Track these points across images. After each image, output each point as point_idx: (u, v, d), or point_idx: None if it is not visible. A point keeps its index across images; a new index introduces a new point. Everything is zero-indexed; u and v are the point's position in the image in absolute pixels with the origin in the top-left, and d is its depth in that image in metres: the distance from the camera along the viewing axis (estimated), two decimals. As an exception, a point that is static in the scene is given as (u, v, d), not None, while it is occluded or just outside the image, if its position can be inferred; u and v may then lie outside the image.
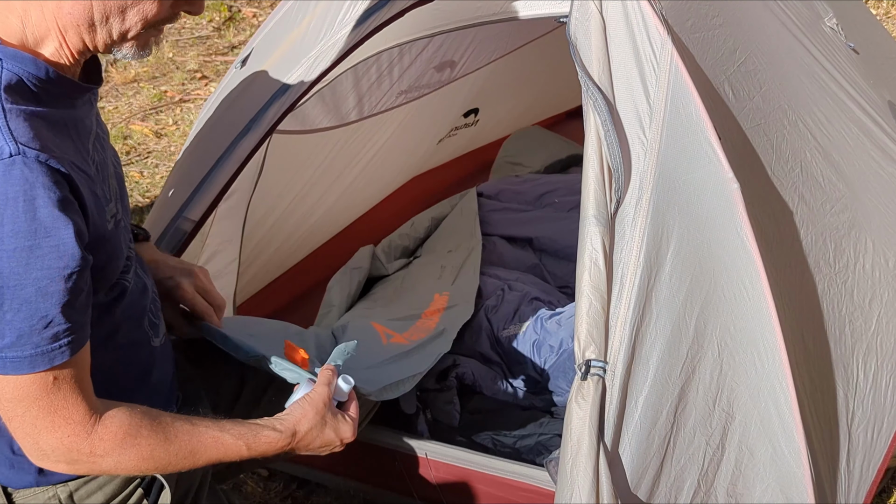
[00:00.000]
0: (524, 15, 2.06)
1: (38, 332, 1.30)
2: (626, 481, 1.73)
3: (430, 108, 3.48)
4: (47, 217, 1.28)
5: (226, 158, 2.22)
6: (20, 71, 1.34)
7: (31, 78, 1.35)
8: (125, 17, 1.38)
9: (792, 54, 2.31)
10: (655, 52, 1.81)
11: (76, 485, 1.54)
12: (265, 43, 2.51)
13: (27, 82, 1.35)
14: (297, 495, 2.58)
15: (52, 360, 1.32)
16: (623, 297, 1.70)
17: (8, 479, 1.51)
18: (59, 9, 1.36)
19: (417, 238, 3.30)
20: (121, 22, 1.38)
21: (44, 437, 1.37)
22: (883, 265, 2.15)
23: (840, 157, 2.20)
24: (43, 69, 1.36)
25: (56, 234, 1.29)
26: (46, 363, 1.32)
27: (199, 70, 5.18)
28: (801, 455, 1.77)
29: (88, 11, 1.36)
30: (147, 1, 1.37)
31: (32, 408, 1.35)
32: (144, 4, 1.38)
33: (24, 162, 1.27)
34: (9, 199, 1.26)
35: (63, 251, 1.29)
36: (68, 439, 1.37)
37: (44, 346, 1.31)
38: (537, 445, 2.35)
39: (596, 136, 1.74)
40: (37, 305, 1.29)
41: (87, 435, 1.39)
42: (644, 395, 1.72)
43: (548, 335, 2.59)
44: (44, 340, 1.31)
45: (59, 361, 1.33)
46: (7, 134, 1.27)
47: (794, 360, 1.80)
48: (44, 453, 1.39)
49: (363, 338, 2.22)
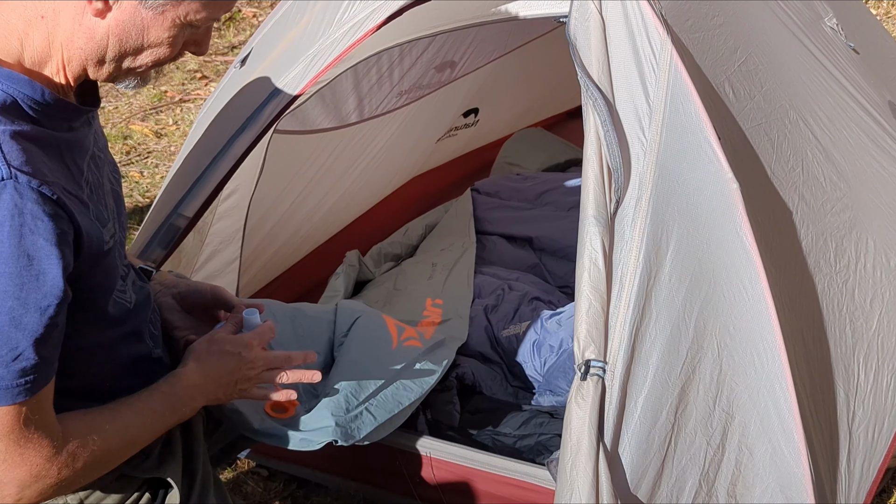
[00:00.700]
0: (524, 15, 2.06)
1: (6, 364, 1.26)
2: (625, 482, 1.72)
3: (430, 108, 3.48)
4: (32, 246, 1.25)
5: (222, 156, 2.22)
6: (15, 92, 1.32)
7: (27, 100, 1.33)
8: (137, 58, 1.40)
9: (792, 54, 2.31)
10: (655, 52, 1.81)
11: (86, 493, 1.52)
12: (264, 42, 2.51)
13: (22, 104, 1.33)
14: (297, 495, 2.57)
15: (16, 396, 1.27)
16: (623, 298, 1.70)
17: None
18: (70, 42, 1.35)
19: (410, 246, 3.28)
20: (132, 61, 1.40)
21: (10, 473, 1.32)
22: (884, 265, 2.15)
23: (841, 157, 2.20)
24: (39, 91, 1.34)
25: (38, 264, 1.26)
26: (9, 399, 1.27)
27: (198, 70, 5.18)
28: (800, 455, 1.77)
29: (102, 50, 1.37)
30: (163, 47, 1.39)
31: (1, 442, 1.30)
32: (160, 49, 1.39)
33: (16, 187, 1.24)
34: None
35: (44, 283, 1.26)
36: (37, 468, 1.33)
37: (9, 381, 1.26)
38: (537, 445, 2.34)
39: (595, 136, 1.73)
40: (8, 335, 1.25)
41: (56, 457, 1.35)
42: (644, 395, 1.72)
43: (548, 335, 2.59)
44: (10, 374, 1.26)
45: (21, 399, 1.28)
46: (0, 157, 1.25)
47: (794, 361, 1.80)
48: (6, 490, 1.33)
49: (376, 333, 2.22)
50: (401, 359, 2.17)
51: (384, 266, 3.13)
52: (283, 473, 2.62)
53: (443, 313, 2.70)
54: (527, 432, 2.38)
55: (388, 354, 2.19)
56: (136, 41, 1.37)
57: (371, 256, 3.14)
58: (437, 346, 2.32)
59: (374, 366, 2.08)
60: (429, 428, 2.38)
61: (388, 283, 2.97)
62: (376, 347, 2.18)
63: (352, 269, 2.97)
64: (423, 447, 2.26)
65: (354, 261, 3.01)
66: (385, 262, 3.16)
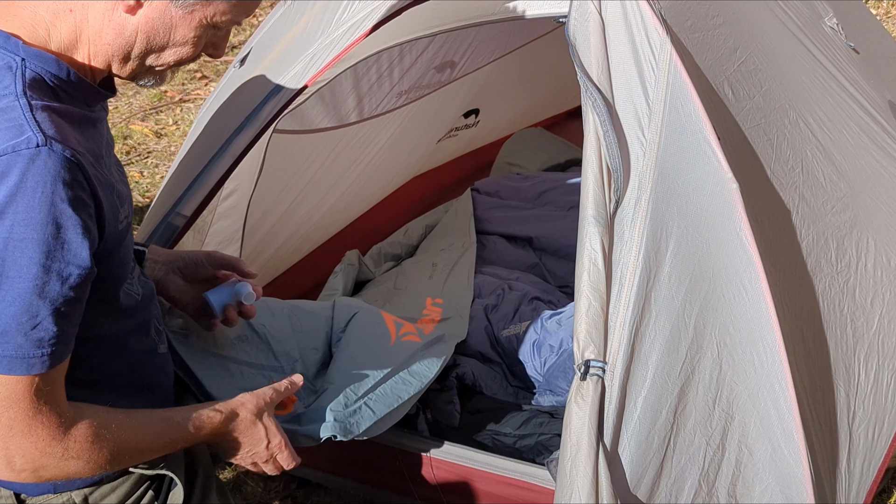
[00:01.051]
0: (523, 15, 2.06)
1: (24, 332, 1.27)
2: (625, 481, 1.72)
3: (430, 109, 3.48)
4: (63, 215, 1.27)
5: (220, 155, 2.22)
6: (42, 70, 1.35)
7: (52, 78, 1.36)
8: (160, 56, 1.42)
9: (792, 54, 2.31)
10: (654, 52, 1.81)
11: (90, 489, 1.52)
12: (263, 42, 2.51)
13: (48, 81, 1.36)
14: (297, 495, 2.57)
15: (31, 367, 1.29)
16: (622, 298, 1.70)
17: (24, 488, 1.49)
18: (98, 37, 1.38)
19: (409, 246, 3.28)
20: (155, 59, 1.43)
21: (17, 442, 1.32)
22: (885, 264, 2.15)
23: (841, 157, 2.20)
24: (64, 70, 1.37)
25: (65, 233, 1.27)
26: (24, 369, 1.28)
27: (198, 70, 5.18)
28: (800, 455, 1.77)
29: (129, 46, 1.40)
30: (187, 46, 1.42)
31: (11, 410, 1.31)
32: (184, 49, 1.42)
33: (50, 154, 1.26)
34: (27, 189, 1.24)
35: (69, 252, 1.28)
36: (43, 443, 1.34)
37: (26, 350, 1.28)
38: (537, 445, 2.34)
39: (595, 136, 1.73)
40: (30, 303, 1.26)
41: (63, 437, 1.36)
42: (643, 395, 1.72)
43: (548, 335, 2.59)
44: (28, 343, 1.27)
45: (37, 371, 1.29)
46: (34, 126, 1.27)
47: (794, 360, 1.80)
48: (9, 461, 1.34)
49: (373, 329, 2.22)
50: (399, 354, 2.17)
51: (384, 266, 3.13)
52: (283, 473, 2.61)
53: (443, 312, 2.69)
54: (527, 432, 2.38)
55: (387, 350, 2.19)
56: (163, 39, 1.40)
57: (371, 256, 3.14)
58: (436, 340, 2.32)
59: (372, 361, 2.08)
60: (429, 428, 2.38)
61: (389, 282, 2.96)
62: (374, 343, 2.19)
63: (351, 268, 2.96)
64: (423, 447, 2.26)
65: (354, 260, 3.01)
66: (385, 261, 3.16)
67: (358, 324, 2.20)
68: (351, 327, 2.18)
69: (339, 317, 2.21)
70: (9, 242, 1.24)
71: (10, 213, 1.24)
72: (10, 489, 1.49)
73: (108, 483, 1.54)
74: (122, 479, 1.55)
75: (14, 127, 1.26)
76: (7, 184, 1.24)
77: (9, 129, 1.26)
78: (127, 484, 1.57)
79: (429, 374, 2.14)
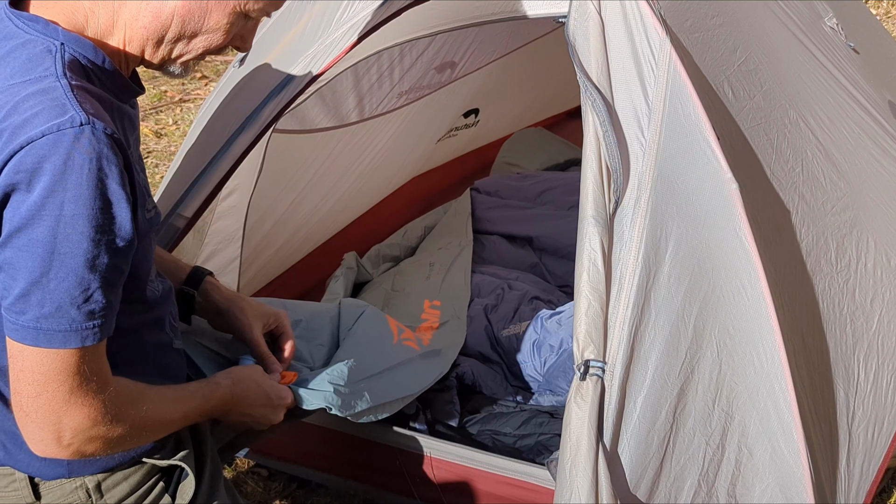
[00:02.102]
0: (523, 15, 2.06)
1: (78, 305, 1.31)
2: (625, 481, 1.72)
3: (430, 109, 3.48)
4: (109, 190, 1.30)
5: (221, 156, 2.22)
6: (79, 55, 1.39)
7: (89, 63, 1.40)
8: (191, 42, 1.46)
9: (792, 54, 2.31)
10: (654, 52, 1.81)
11: (104, 474, 1.55)
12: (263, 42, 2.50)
13: (85, 65, 1.40)
14: (297, 495, 2.57)
15: (84, 339, 1.33)
16: (622, 298, 1.70)
17: (39, 471, 1.52)
18: (135, 20, 1.43)
19: (408, 248, 3.28)
20: (185, 45, 1.46)
21: (70, 415, 1.36)
22: (885, 264, 2.15)
23: (841, 156, 2.20)
24: (101, 57, 1.42)
25: (115, 208, 1.31)
26: (78, 341, 1.33)
27: (198, 70, 5.18)
28: (800, 455, 1.77)
29: (164, 30, 1.44)
30: (218, 34, 1.46)
31: (65, 383, 1.35)
32: (215, 36, 1.46)
33: (94, 132, 1.29)
34: (74, 166, 1.27)
35: (119, 226, 1.32)
36: (95, 412, 1.38)
37: (79, 322, 1.32)
38: (537, 445, 2.34)
39: (594, 136, 1.73)
40: (82, 276, 1.30)
41: (111, 405, 1.40)
42: (643, 395, 1.72)
43: (548, 335, 2.59)
44: (81, 316, 1.32)
45: (90, 343, 1.34)
46: (76, 105, 1.30)
47: (794, 360, 1.80)
48: (59, 436, 1.37)
49: (377, 328, 2.24)
50: (398, 355, 2.20)
51: (382, 267, 3.13)
52: (283, 473, 2.62)
53: (441, 315, 2.70)
54: (527, 432, 2.38)
55: (389, 347, 2.23)
56: (197, 24, 1.44)
57: (369, 258, 3.14)
58: (432, 354, 2.35)
59: (376, 352, 2.12)
60: (429, 428, 2.38)
61: (386, 283, 2.96)
62: (379, 338, 2.22)
63: (350, 272, 2.97)
64: (423, 447, 2.26)
65: (352, 263, 3.01)
66: (383, 263, 3.16)
67: (365, 319, 2.24)
68: (358, 324, 2.21)
69: (347, 316, 2.23)
70: (60, 220, 1.28)
71: (60, 191, 1.27)
72: (25, 472, 1.52)
73: (120, 471, 1.57)
74: (134, 468, 1.58)
75: (57, 106, 1.30)
76: (54, 162, 1.27)
77: (52, 109, 1.30)
78: (139, 474, 1.59)
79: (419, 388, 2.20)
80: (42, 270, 1.29)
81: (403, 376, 2.15)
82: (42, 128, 1.28)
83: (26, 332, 1.32)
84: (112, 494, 1.57)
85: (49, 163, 1.27)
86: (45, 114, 1.29)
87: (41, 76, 1.33)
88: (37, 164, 1.27)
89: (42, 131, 1.27)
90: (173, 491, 1.64)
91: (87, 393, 1.37)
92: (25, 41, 1.38)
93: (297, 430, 2.36)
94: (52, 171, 1.27)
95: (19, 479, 1.52)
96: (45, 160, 1.27)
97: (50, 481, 1.53)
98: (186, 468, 1.64)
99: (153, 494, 1.62)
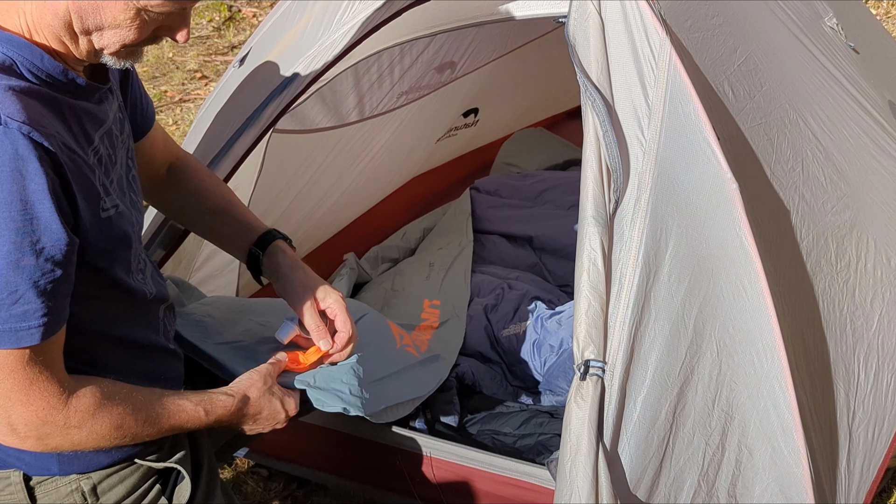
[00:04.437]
0: (523, 15, 2.06)
1: (7, 307, 1.30)
2: (625, 481, 1.72)
3: (429, 108, 3.48)
4: (25, 190, 1.28)
5: (222, 156, 2.22)
6: (13, 54, 1.37)
7: (25, 62, 1.38)
8: (103, 35, 1.41)
9: (792, 54, 2.31)
10: (654, 52, 1.81)
11: (99, 476, 1.55)
12: (263, 42, 2.51)
13: (20, 66, 1.37)
14: (297, 495, 2.58)
15: (19, 340, 1.32)
16: (622, 298, 1.70)
17: (29, 466, 1.52)
18: (41, 19, 1.39)
19: (407, 249, 3.27)
20: (100, 38, 1.42)
21: (17, 411, 1.36)
22: (885, 264, 2.15)
23: (841, 156, 2.20)
24: (38, 55, 1.39)
25: (33, 208, 1.29)
26: (13, 342, 1.31)
27: (198, 70, 5.18)
28: (800, 455, 1.77)
29: (67, 26, 1.39)
30: (124, 29, 1.41)
31: (6, 380, 1.34)
32: (123, 31, 1.41)
33: (6, 133, 1.27)
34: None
35: (41, 226, 1.30)
36: (43, 412, 1.38)
37: (11, 324, 1.30)
38: (537, 445, 2.34)
39: (594, 136, 1.73)
40: (7, 279, 1.28)
41: (63, 406, 1.39)
42: (643, 395, 1.72)
43: (548, 335, 2.59)
44: (12, 317, 1.30)
45: (27, 343, 1.32)
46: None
47: (794, 360, 1.80)
48: (13, 428, 1.38)
49: (380, 332, 2.24)
50: (402, 360, 2.21)
51: (381, 267, 3.13)
52: (283, 473, 2.62)
53: (440, 314, 2.70)
54: (527, 432, 2.38)
55: (393, 351, 2.23)
56: (95, 20, 1.39)
57: (368, 259, 3.14)
58: (431, 360, 2.35)
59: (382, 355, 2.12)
60: (429, 428, 2.38)
61: (386, 283, 2.96)
62: (382, 341, 2.22)
63: (352, 272, 2.97)
64: (423, 447, 2.26)
65: (353, 263, 3.01)
66: (381, 264, 3.16)
67: (367, 322, 2.23)
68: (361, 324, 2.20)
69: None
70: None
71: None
72: (19, 469, 1.52)
73: (116, 473, 1.56)
74: (130, 469, 1.58)
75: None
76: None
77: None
78: (135, 476, 1.59)
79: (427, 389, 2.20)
80: None
81: (410, 380, 2.15)
82: None
83: None
84: (108, 497, 1.56)
85: None
86: None
87: None
88: None
89: None
90: (170, 493, 1.64)
91: (31, 391, 1.36)
92: None
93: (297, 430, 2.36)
94: None
95: (14, 483, 1.52)
96: None
97: (45, 484, 1.52)
98: (183, 471, 1.63)
99: (149, 497, 1.62)
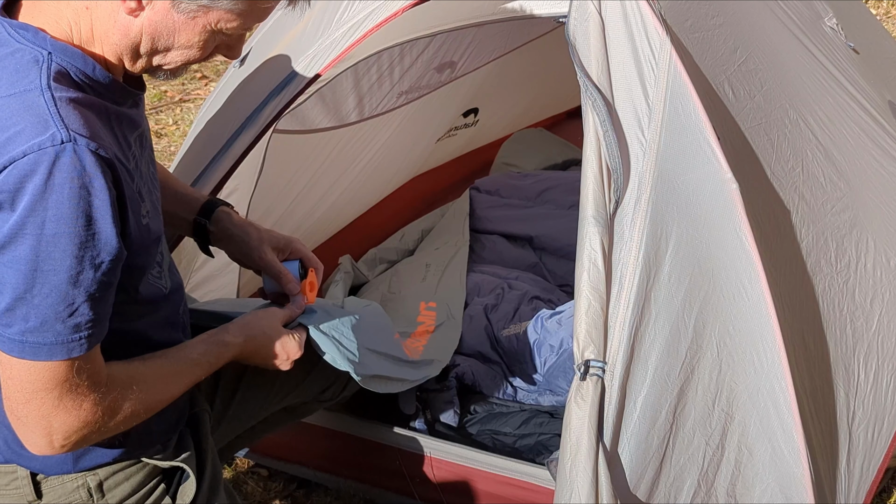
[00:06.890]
0: (523, 15, 2.06)
1: (62, 319, 1.32)
2: (625, 481, 1.72)
3: (429, 108, 3.48)
4: (92, 207, 1.31)
5: (221, 156, 2.23)
6: (67, 64, 1.39)
7: (78, 72, 1.40)
8: (168, 55, 1.45)
9: (792, 54, 2.31)
10: (654, 52, 1.81)
11: (106, 473, 1.57)
12: (263, 42, 2.51)
13: (74, 76, 1.39)
14: (297, 495, 2.58)
15: (71, 351, 1.34)
16: (622, 298, 1.70)
17: (43, 466, 1.53)
18: (106, 36, 1.42)
19: (405, 251, 3.27)
20: (163, 58, 1.46)
21: (60, 419, 1.38)
22: (884, 264, 2.15)
23: (841, 157, 2.20)
24: (91, 65, 1.41)
25: (98, 224, 1.32)
26: (64, 353, 1.34)
27: (198, 70, 5.18)
28: (800, 455, 1.77)
29: (136, 46, 1.43)
30: (192, 49, 1.45)
31: (55, 390, 1.36)
32: (190, 51, 1.45)
33: (75, 149, 1.29)
34: (55, 186, 1.28)
35: (101, 241, 1.32)
36: (85, 413, 1.40)
37: (65, 336, 1.33)
38: (537, 445, 2.35)
39: (595, 136, 1.73)
40: (66, 292, 1.31)
41: (102, 403, 1.42)
42: (643, 395, 1.72)
43: (548, 335, 2.59)
44: (66, 329, 1.33)
45: (77, 354, 1.35)
46: (59, 121, 1.30)
47: (794, 360, 1.80)
48: (50, 437, 1.40)
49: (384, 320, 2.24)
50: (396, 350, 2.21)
51: (378, 268, 3.13)
52: (283, 473, 2.62)
53: (436, 317, 2.70)
54: (527, 432, 2.38)
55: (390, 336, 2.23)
56: (167, 41, 1.43)
57: (365, 261, 3.14)
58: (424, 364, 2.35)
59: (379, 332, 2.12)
60: (429, 428, 2.38)
61: (383, 285, 2.97)
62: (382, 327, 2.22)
63: (348, 276, 2.97)
64: (423, 447, 2.27)
65: (349, 266, 3.01)
66: (379, 265, 3.16)
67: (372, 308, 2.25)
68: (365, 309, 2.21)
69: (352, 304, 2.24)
70: (42, 238, 1.29)
71: (41, 210, 1.28)
72: (30, 468, 1.53)
73: (122, 471, 1.58)
74: (136, 467, 1.60)
75: (39, 123, 1.30)
76: (35, 182, 1.28)
77: (35, 126, 1.30)
78: (140, 474, 1.61)
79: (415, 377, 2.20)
80: (26, 287, 1.30)
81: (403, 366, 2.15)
82: (24, 147, 1.28)
83: (13, 345, 1.33)
84: (113, 494, 1.58)
85: (31, 182, 1.28)
86: (27, 132, 1.29)
87: (26, 89, 1.33)
88: (19, 184, 1.28)
89: (24, 150, 1.28)
90: (174, 492, 1.66)
91: (76, 398, 1.38)
92: (15, 50, 1.38)
93: (298, 431, 2.36)
94: (33, 191, 1.28)
95: (21, 477, 1.54)
96: (27, 180, 1.28)
97: (51, 479, 1.54)
98: (188, 469, 1.65)
99: (154, 495, 1.63)
